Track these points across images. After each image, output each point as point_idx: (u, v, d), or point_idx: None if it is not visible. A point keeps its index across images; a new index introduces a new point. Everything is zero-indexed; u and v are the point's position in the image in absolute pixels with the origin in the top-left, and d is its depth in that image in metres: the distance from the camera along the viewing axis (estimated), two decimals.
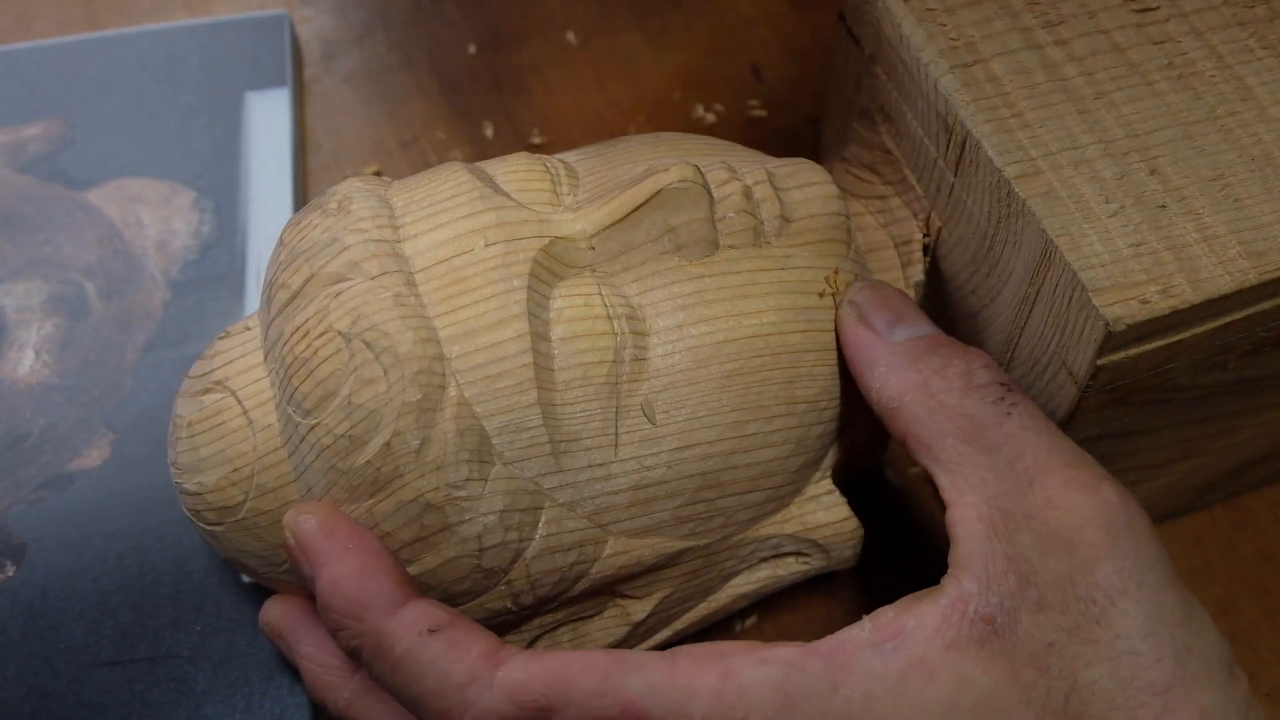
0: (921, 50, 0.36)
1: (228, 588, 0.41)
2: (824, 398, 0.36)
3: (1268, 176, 0.34)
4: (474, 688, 0.30)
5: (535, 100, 0.56)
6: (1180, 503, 0.44)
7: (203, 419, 0.34)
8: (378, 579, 0.31)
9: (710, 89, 0.57)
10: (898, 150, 0.39)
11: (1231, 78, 0.35)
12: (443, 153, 0.55)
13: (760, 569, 0.39)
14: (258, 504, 0.34)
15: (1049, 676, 0.29)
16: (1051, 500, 0.30)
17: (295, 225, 0.35)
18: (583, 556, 0.34)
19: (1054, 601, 0.29)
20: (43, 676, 0.40)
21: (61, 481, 0.44)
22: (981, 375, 0.33)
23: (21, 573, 0.42)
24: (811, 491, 0.38)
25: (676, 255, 0.35)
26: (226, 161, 0.52)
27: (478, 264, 0.33)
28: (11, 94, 0.53)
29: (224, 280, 0.48)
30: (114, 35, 0.55)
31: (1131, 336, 0.32)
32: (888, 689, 0.29)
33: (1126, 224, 0.33)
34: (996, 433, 0.32)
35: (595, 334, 0.33)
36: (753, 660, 0.30)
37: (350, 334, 0.31)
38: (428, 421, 0.31)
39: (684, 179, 0.34)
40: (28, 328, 0.47)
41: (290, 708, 0.39)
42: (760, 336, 0.35)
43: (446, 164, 0.36)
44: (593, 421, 0.33)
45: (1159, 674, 0.29)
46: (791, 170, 0.37)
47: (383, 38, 0.59)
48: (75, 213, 0.50)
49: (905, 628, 0.30)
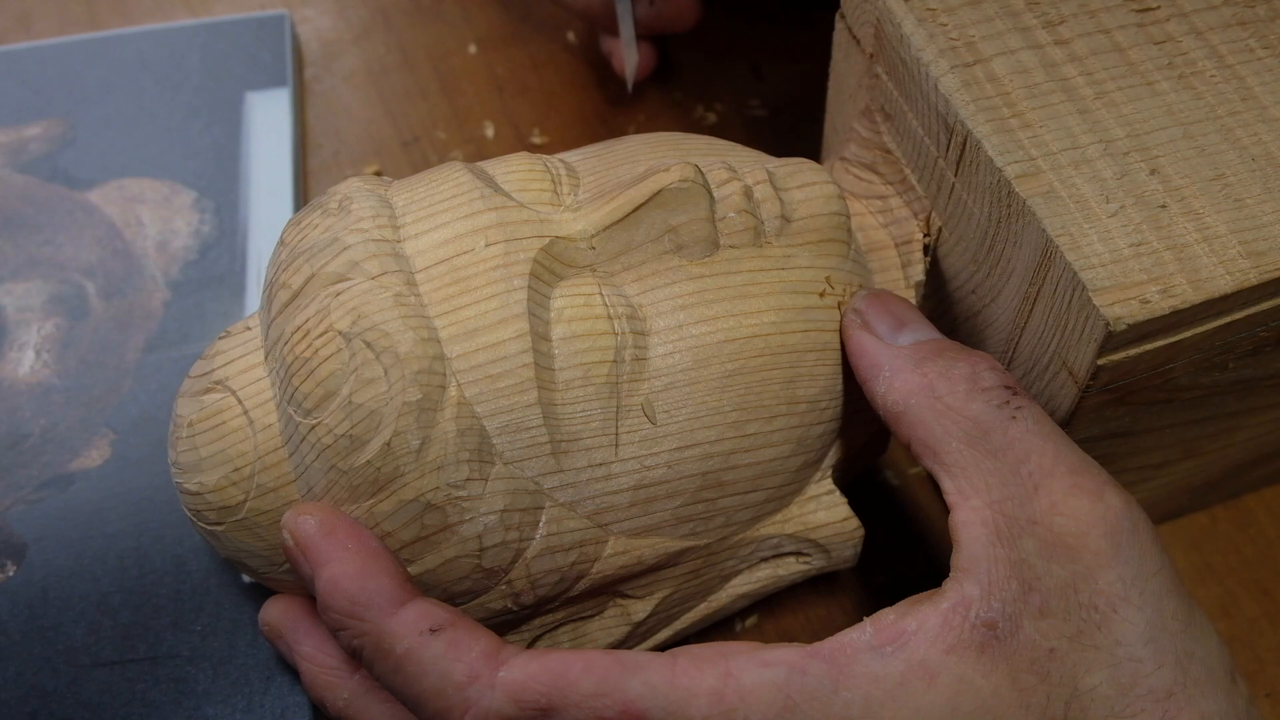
0: (922, 50, 0.36)
1: (228, 588, 0.41)
2: (824, 397, 0.36)
3: (1268, 176, 0.34)
4: (474, 687, 0.30)
5: (535, 100, 0.56)
6: (1180, 503, 0.44)
7: (203, 419, 0.34)
8: (378, 578, 0.31)
9: (710, 89, 0.57)
10: (898, 150, 0.39)
11: (1232, 77, 0.35)
12: (443, 153, 0.55)
13: (761, 569, 0.39)
14: (258, 503, 0.34)
15: (1049, 683, 0.29)
16: (1056, 506, 0.30)
17: (296, 225, 0.35)
18: (583, 556, 0.34)
19: (1056, 608, 0.29)
20: (43, 676, 0.40)
21: (61, 481, 0.44)
22: (987, 378, 0.33)
23: (21, 573, 0.42)
24: (812, 491, 0.38)
25: (677, 255, 0.35)
26: (227, 161, 0.52)
27: (478, 264, 0.33)
28: (12, 94, 0.53)
29: (224, 280, 0.48)
30: (114, 35, 0.55)
31: (1132, 336, 0.32)
32: (888, 692, 0.29)
33: (1127, 224, 0.33)
34: (1002, 437, 0.32)
35: (596, 334, 0.33)
36: (754, 662, 0.30)
37: (351, 334, 0.31)
38: (428, 421, 0.31)
39: (684, 179, 0.34)
40: (28, 328, 0.47)
41: (290, 708, 0.39)
42: (761, 336, 0.35)
43: (447, 164, 0.36)
44: (593, 421, 0.33)
45: (1160, 681, 0.29)
46: (792, 170, 0.37)
47: (383, 38, 0.58)
48: (76, 213, 0.50)
49: (906, 630, 0.30)
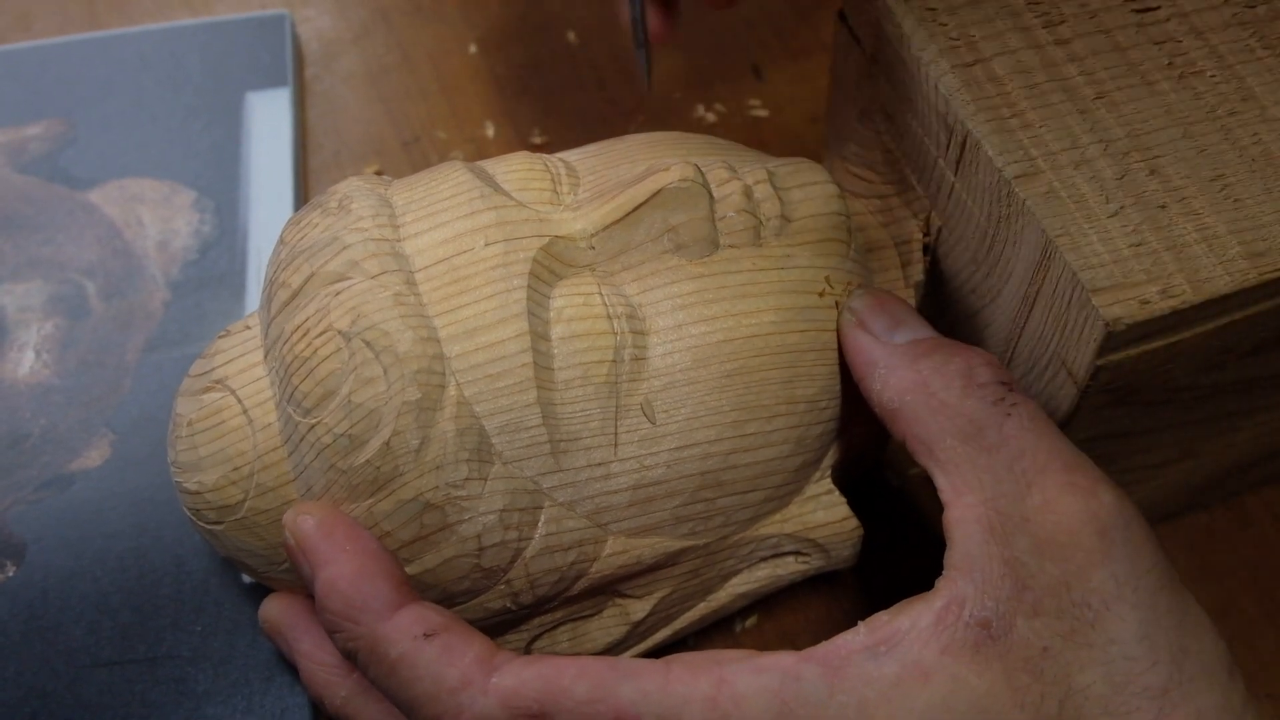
0: (922, 50, 0.36)
1: (228, 588, 0.41)
2: (823, 397, 0.36)
3: (1268, 176, 0.34)
4: (467, 693, 0.30)
5: (535, 100, 0.56)
6: (1180, 503, 0.44)
7: (203, 418, 0.34)
8: (374, 582, 0.31)
9: (710, 89, 0.57)
10: (898, 150, 0.39)
11: (1232, 78, 0.35)
12: (443, 153, 0.55)
13: (760, 568, 0.39)
14: (257, 503, 0.34)
15: (1043, 681, 0.29)
16: (1049, 504, 0.30)
17: (296, 224, 0.35)
18: (582, 556, 0.34)
19: (1049, 606, 0.29)
20: (43, 676, 0.40)
21: (61, 481, 0.44)
22: (982, 374, 0.33)
23: (21, 573, 0.42)
24: (811, 491, 0.38)
25: (676, 255, 0.35)
26: (227, 161, 0.52)
27: (477, 263, 0.33)
28: (12, 94, 0.53)
29: (224, 280, 0.48)
30: (114, 35, 0.55)
31: (1131, 336, 0.32)
32: (882, 694, 0.29)
33: (1126, 224, 0.33)
34: (996, 434, 0.32)
35: (595, 333, 0.33)
36: (748, 668, 0.30)
37: (350, 333, 0.31)
38: (427, 421, 0.31)
39: (684, 178, 0.34)
40: (28, 328, 0.47)
41: (290, 708, 0.39)
42: (760, 336, 0.35)
43: (447, 163, 0.36)
44: (592, 421, 0.33)
45: (1155, 678, 0.29)
46: (792, 170, 0.37)
47: (383, 38, 0.58)
48: (76, 213, 0.50)
49: (900, 630, 0.30)
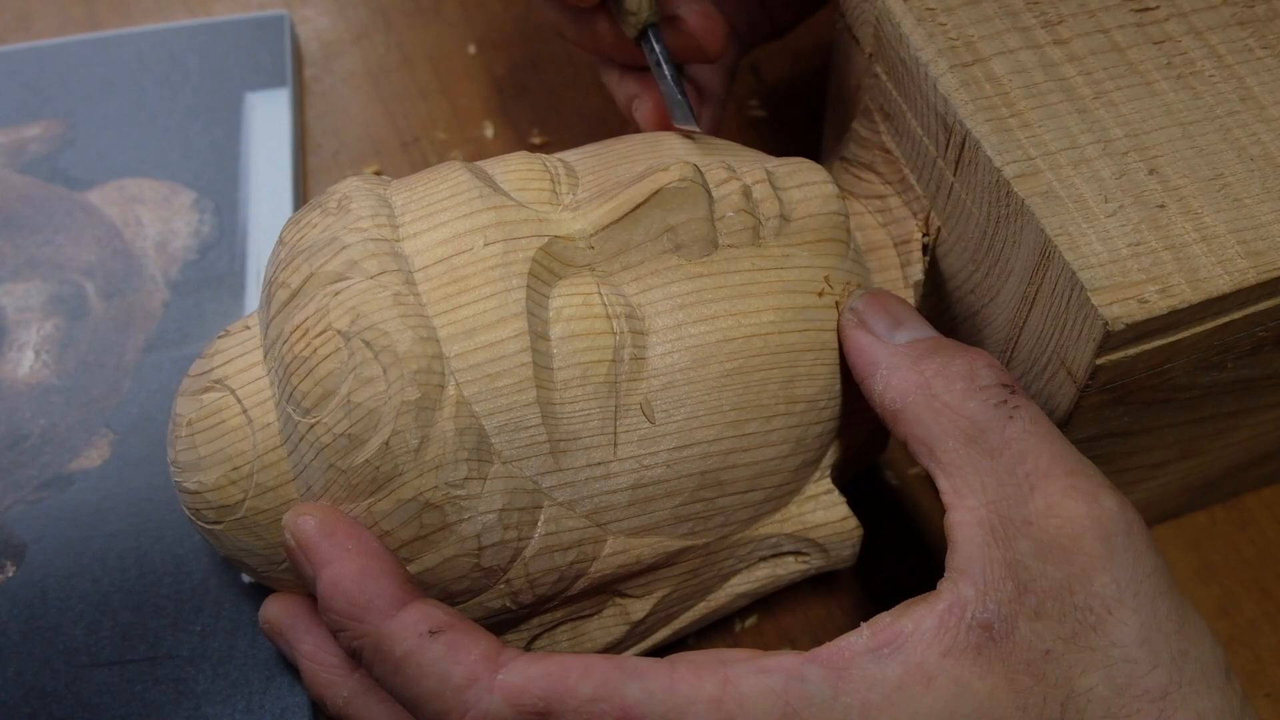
0: (921, 50, 0.36)
1: (228, 588, 0.41)
2: (823, 397, 0.36)
3: (1267, 176, 0.34)
4: (473, 690, 0.30)
5: (535, 100, 0.56)
6: (1180, 503, 0.44)
7: (202, 418, 0.34)
8: (378, 580, 0.31)
9: None
10: (897, 150, 0.39)
11: (1231, 78, 0.35)
12: (443, 153, 0.55)
13: (759, 568, 0.39)
14: (257, 502, 0.34)
15: (1045, 684, 0.29)
16: (1051, 507, 0.30)
17: (295, 224, 0.35)
18: (582, 555, 0.34)
19: (1051, 609, 0.29)
20: (43, 676, 0.40)
21: (61, 482, 0.44)
22: (985, 376, 0.33)
23: (21, 573, 0.42)
24: (811, 491, 0.38)
25: (676, 254, 0.35)
26: (226, 161, 0.52)
27: (477, 263, 0.33)
28: (12, 94, 0.53)
29: (224, 280, 0.48)
30: (114, 35, 0.55)
31: (1130, 336, 0.32)
32: (885, 696, 0.29)
33: (1125, 224, 0.33)
34: (998, 437, 0.32)
35: (594, 333, 0.33)
36: (752, 669, 0.30)
37: (349, 333, 0.31)
38: (427, 420, 0.31)
39: (683, 178, 0.34)
40: (28, 328, 0.47)
41: (290, 708, 0.39)
42: (759, 336, 0.35)
43: (446, 163, 0.36)
44: (591, 420, 0.33)
45: (1155, 681, 0.29)
46: (791, 170, 0.37)
47: (383, 38, 0.59)
48: (75, 213, 0.50)
49: (903, 632, 0.30)
